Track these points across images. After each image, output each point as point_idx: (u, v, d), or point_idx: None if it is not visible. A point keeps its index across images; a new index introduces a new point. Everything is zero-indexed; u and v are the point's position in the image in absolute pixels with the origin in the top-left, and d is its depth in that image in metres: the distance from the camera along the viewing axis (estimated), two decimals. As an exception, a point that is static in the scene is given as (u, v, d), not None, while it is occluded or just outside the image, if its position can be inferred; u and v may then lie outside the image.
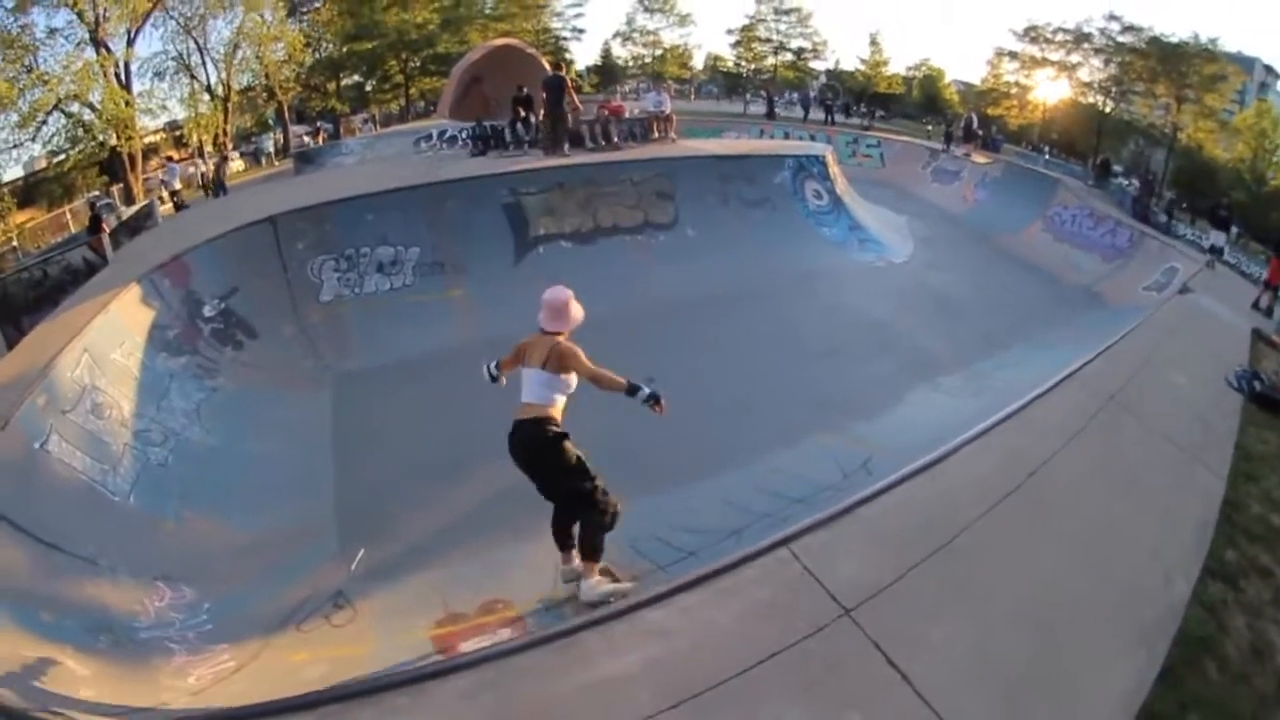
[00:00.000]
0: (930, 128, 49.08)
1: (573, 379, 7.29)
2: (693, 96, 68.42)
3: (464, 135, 24.08)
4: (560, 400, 7.33)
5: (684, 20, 62.59)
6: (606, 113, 23.01)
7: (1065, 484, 7.73)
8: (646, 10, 62.24)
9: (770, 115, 47.47)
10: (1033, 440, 8.57)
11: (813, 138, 37.16)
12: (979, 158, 35.42)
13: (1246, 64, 56.35)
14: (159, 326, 12.30)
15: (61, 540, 7.52)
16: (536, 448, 7.06)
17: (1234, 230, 20.55)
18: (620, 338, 14.32)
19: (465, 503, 9.92)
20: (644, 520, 9.15)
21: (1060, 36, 53.75)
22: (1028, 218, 29.33)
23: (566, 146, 20.54)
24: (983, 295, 20.59)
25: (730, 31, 63.65)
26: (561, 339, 7.30)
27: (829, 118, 47.38)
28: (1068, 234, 27.93)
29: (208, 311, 13.50)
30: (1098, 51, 52.52)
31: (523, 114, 22.78)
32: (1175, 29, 61.19)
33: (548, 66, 29.63)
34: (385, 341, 14.78)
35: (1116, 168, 40.53)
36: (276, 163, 44.69)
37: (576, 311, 7.60)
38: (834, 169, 24.25)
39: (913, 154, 38.16)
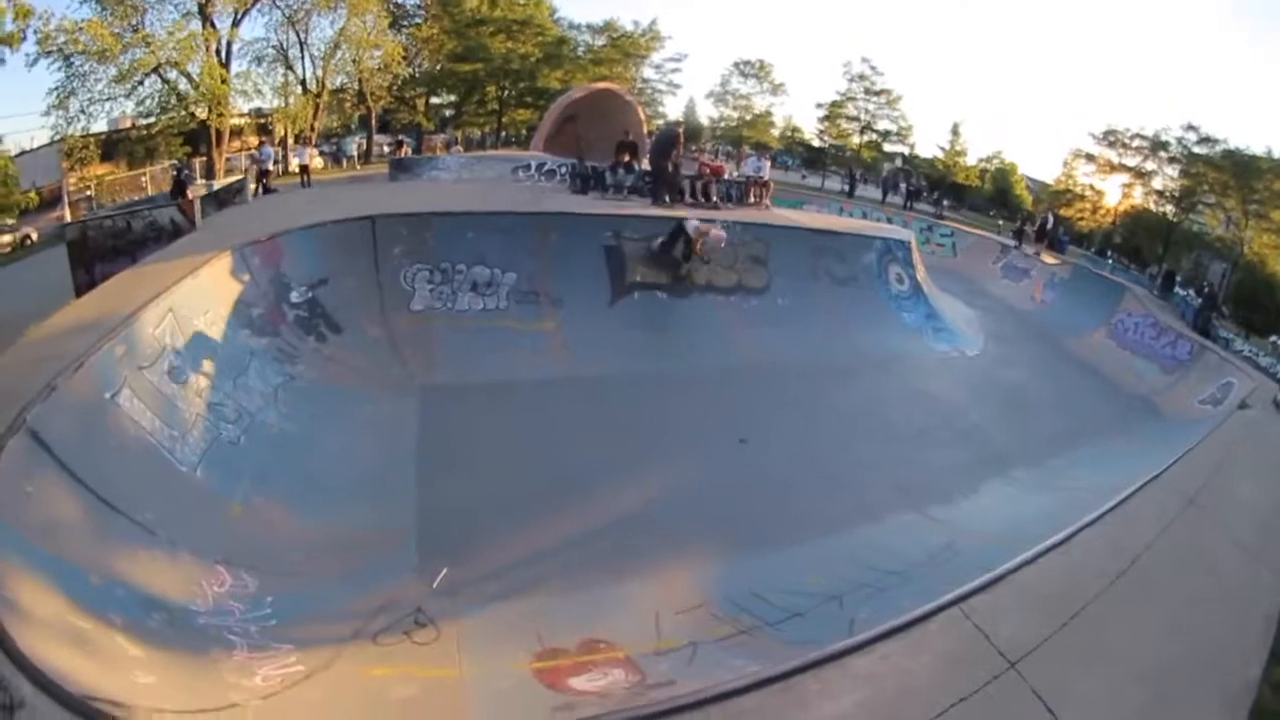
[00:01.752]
0: (1001, 222, 49.65)
1: None
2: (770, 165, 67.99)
3: (563, 171, 24.45)
4: None
5: (777, 89, 63.14)
6: (708, 171, 23.39)
7: (1160, 570, 9.04)
8: (742, 75, 62.80)
9: (850, 194, 48.25)
10: (1132, 531, 9.94)
11: (889, 220, 37.63)
12: (1048, 258, 35.81)
13: None
14: (245, 303, 12.30)
15: (120, 501, 7.22)
16: None
17: None
18: (710, 394, 15.28)
19: (555, 537, 9.88)
20: (739, 578, 9.69)
21: (1137, 143, 53.60)
22: (1093, 322, 29.66)
23: (668, 198, 20.92)
24: (1048, 395, 20.87)
25: (820, 105, 63.20)
26: None
27: (908, 203, 48.07)
28: (1131, 342, 28.20)
29: (294, 297, 13.51)
30: (1172, 160, 52.33)
31: (626, 159, 23.02)
32: (1249, 142, 60.94)
33: (643, 115, 30.18)
34: (474, 362, 14.62)
35: (1179, 278, 40.75)
36: (359, 166, 45.61)
37: None
38: (916, 255, 24.75)
39: (985, 247, 38.52)
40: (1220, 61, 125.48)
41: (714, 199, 22.22)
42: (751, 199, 23.89)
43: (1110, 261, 44.92)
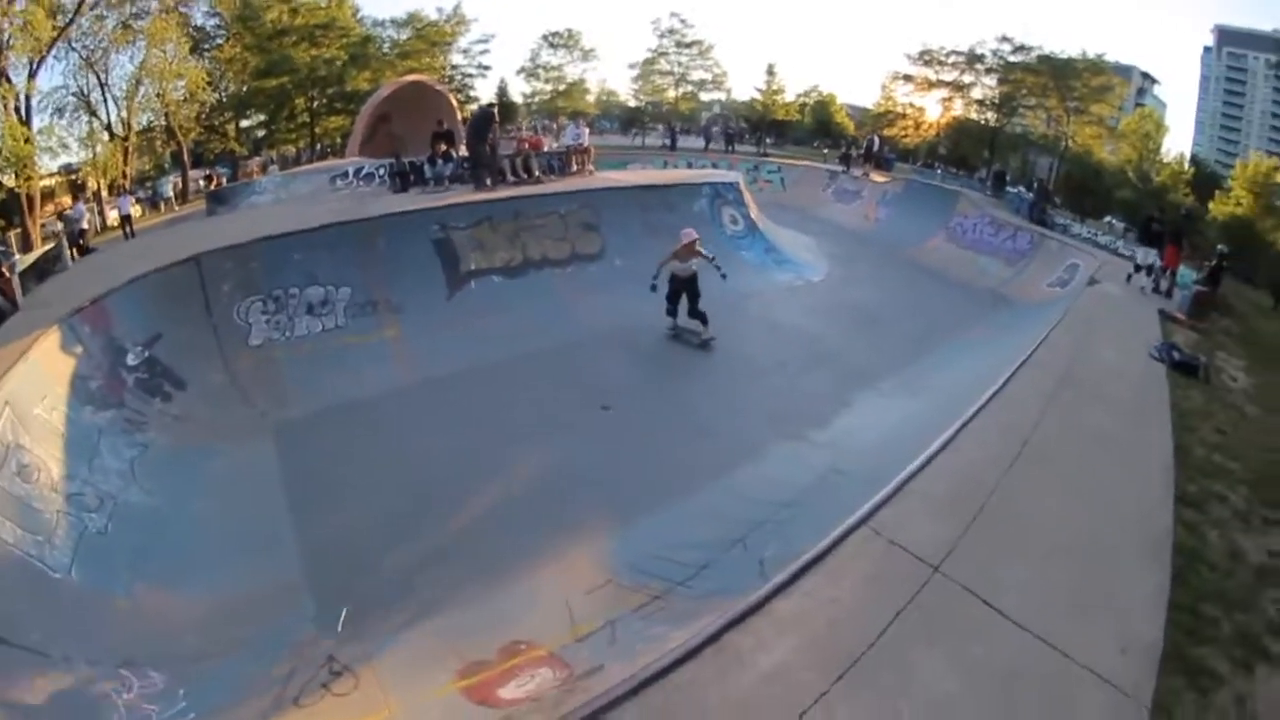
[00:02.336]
0: (826, 151, 50.76)
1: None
2: (589, 131, 68.07)
3: (381, 172, 23.68)
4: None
5: (588, 55, 62.31)
6: (526, 146, 23.19)
7: (1053, 445, 9.65)
8: (551, 46, 61.78)
9: (672, 146, 48.50)
10: (1016, 415, 10.38)
11: (715, 166, 37.72)
12: (877, 177, 36.72)
13: (1125, 73, 59.44)
14: (81, 377, 11.36)
15: (1, 628, 6.73)
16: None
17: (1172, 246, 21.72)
18: (562, 368, 15.10)
19: (444, 546, 9.63)
20: (638, 544, 9.57)
21: (954, 59, 55.13)
22: (931, 230, 30.55)
23: (489, 180, 20.47)
24: (898, 305, 21.37)
25: (633, 65, 63.61)
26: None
27: (729, 147, 48.85)
28: (970, 242, 29.21)
29: (131, 360, 12.58)
30: (989, 71, 54.05)
31: (443, 149, 22.60)
32: (1062, 46, 63.00)
33: (455, 102, 29.61)
34: (323, 386, 14.07)
35: (1009, 177, 42.09)
36: (177, 207, 42.88)
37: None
38: (746, 194, 25.04)
39: (813, 177, 39.43)
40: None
41: (536, 173, 21.92)
42: (574, 167, 23.64)
43: (939, 171, 46.13)
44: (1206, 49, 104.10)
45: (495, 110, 21.51)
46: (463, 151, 22.83)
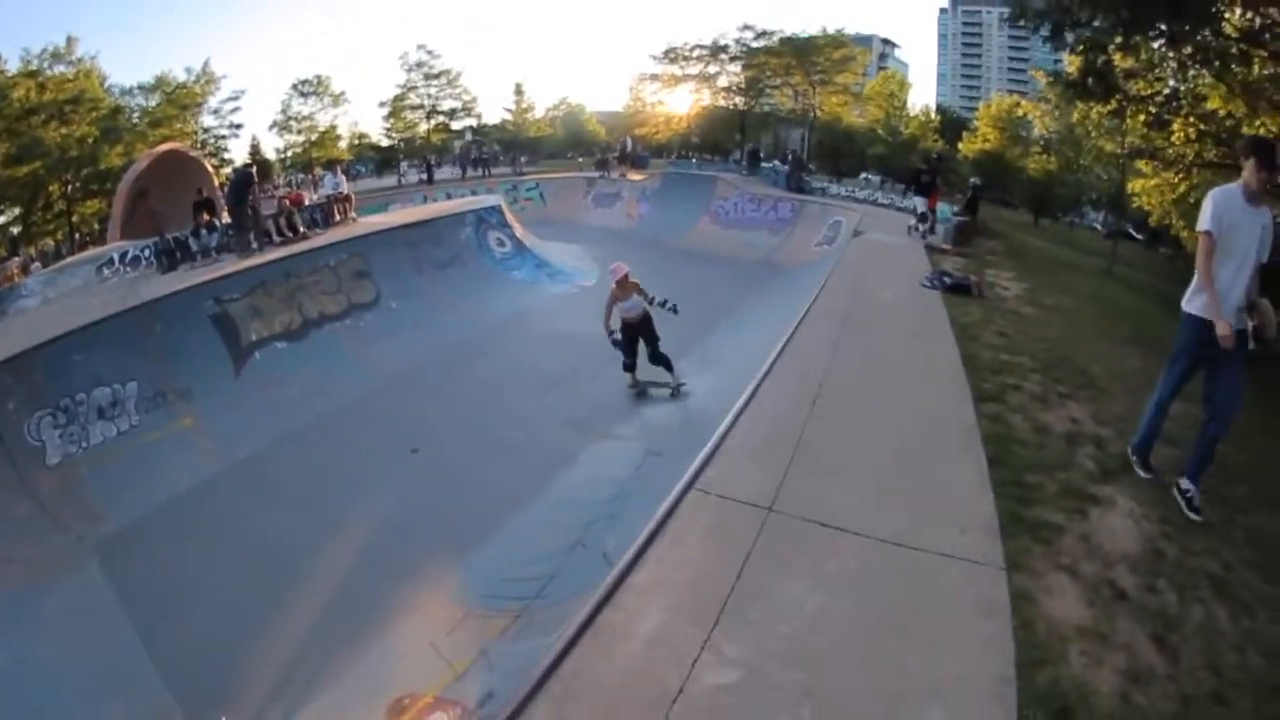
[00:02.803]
0: (580, 161, 52.11)
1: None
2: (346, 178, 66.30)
3: (147, 253, 22.95)
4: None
5: (338, 100, 59.99)
6: (288, 203, 22.81)
7: (849, 380, 10.51)
8: (301, 95, 59.43)
9: (430, 180, 47.89)
10: (809, 361, 11.15)
11: (474, 193, 37.90)
12: (635, 176, 38.04)
13: (866, 42, 63.44)
14: None
15: None
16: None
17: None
18: (363, 422, 15.00)
19: (303, 624, 9.31)
20: (483, 572, 9.80)
21: (698, 52, 56.53)
22: (694, 217, 31.95)
23: (255, 244, 20.12)
24: (675, 293, 21.61)
25: (383, 104, 61.76)
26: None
27: (485, 171, 48.93)
28: (734, 221, 30.82)
29: None
30: (734, 59, 55.65)
31: (206, 219, 21.54)
32: (803, 26, 65.10)
33: (211, 169, 29.07)
34: (132, 494, 12.94)
35: (762, 154, 44.09)
36: None
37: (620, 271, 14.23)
38: (509, 216, 25.54)
39: (572, 187, 40.34)
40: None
41: (301, 229, 21.61)
42: (337, 217, 23.45)
43: (695, 160, 47.95)
44: (942, 10, 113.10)
45: (253, 171, 21.36)
46: (225, 219, 22.04)
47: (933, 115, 57.23)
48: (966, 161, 43.85)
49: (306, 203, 24.07)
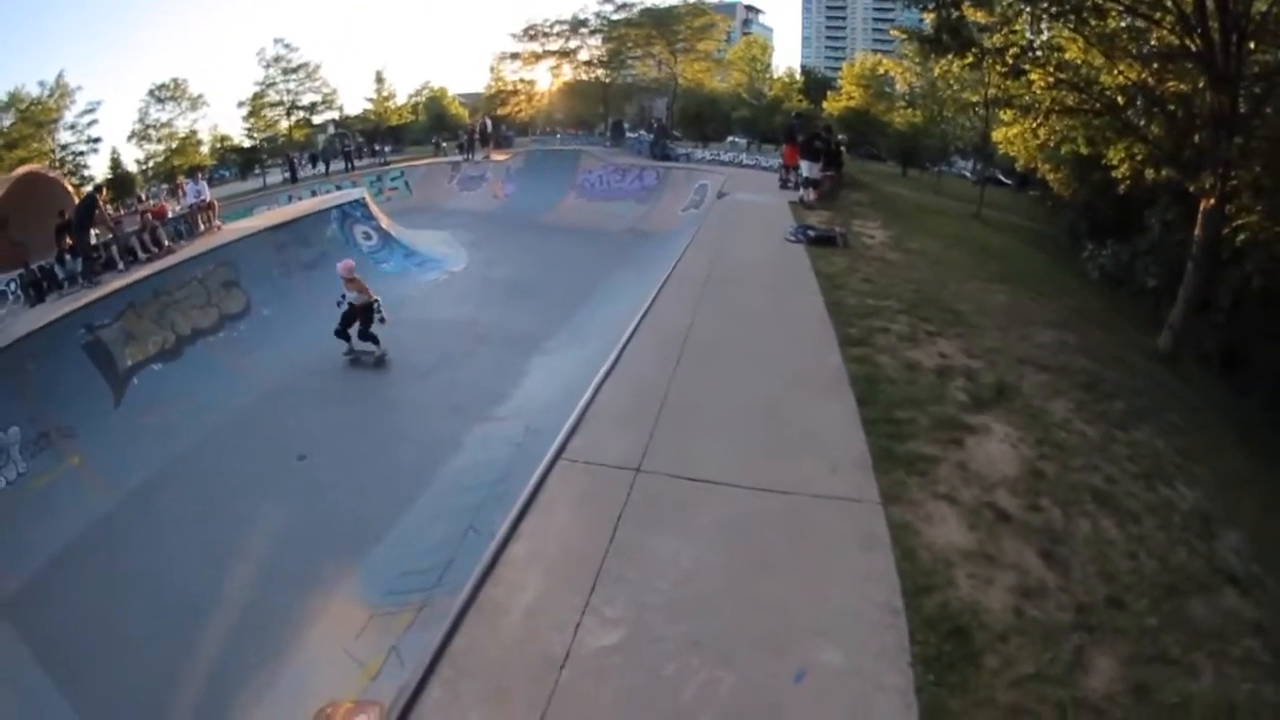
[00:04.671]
0: (444, 145, 51.62)
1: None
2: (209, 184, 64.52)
3: (13, 288, 22.29)
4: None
5: (196, 103, 57.39)
6: (150, 216, 22.02)
7: (711, 337, 10.94)
8: (159, 100, 56.62)
9: (293, 179, 47.23)
10: (669, 322, 11.64)
11: (339, 188, 37.31)
12: (498, 156, 38.56)
13: (729, 9, 65.22)
14: None
15: None
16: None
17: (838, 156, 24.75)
18: (250, 434, 14.95)
19: (221, 650, 9.36)
20: (382, 569, 10.11)
21: (558, 28, 55.70)
22: (560, 192, 32.75)
23: (120, 265, 19.45)
24: (544, 270, 23.09)
25: (242, 103, 59.38)
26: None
27: (349, 164, 48.31)
28: (600, 193, 31.78)
29: None
30: (594, 33, 55.04)
31: (70, 244, 19.90)
32: None
33: (71, 189, 28.13)
34: (32, 544, 12.10)
35: (626, 125, 44.60)
36: None
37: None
38: (374, 208, 25.67)
39: (437, 173, 40.60)
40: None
41: (166, 243, 20.97)
42: (202, 226, 23.02)
43: (559, 136, 48.24)
44: None
45: (100, 192, 20.92)
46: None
47: (797, 77, 58.70)
48: (832, 119, 44.42)
49: (170, 215, 23.55)
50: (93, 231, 19.71)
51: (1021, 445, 7.73)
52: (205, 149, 59.59)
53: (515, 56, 58.13)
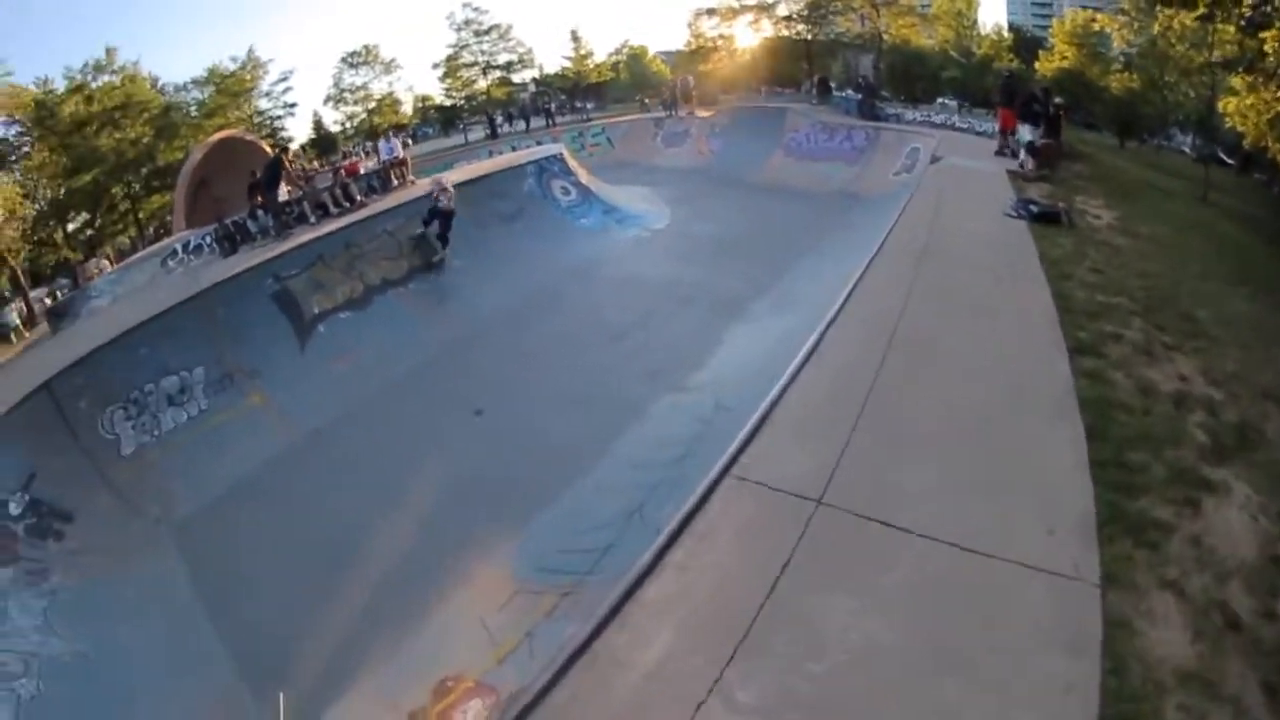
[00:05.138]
0: (646, 102, 50.06)
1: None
2: (410, 142, 67.16)
3: (209, 240, 22.89)
4: None
5: (389, 67, 60.15)
6: (343, 173, 22.56)
7: (924, 327, 9.30)
8: (351, 66, 59.49)
9: (494, 135, 47.78)
10: (870, 306, 10.13)
11: (539, 143, 36.64)
12: (702, 112, 36.90)
13: None
14: None
15: None
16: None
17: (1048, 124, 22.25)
18: (430, 384, 15.27)
19: (363, 601, 9.44)
20: (539, 543, 9.56)
21: None
22: (767, 150, 30.84)
23: (313, 219, 20.03)
24: (751, 230, 21.56)
25: (436, 65, 61.24)
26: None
27: (549, 121, 48.10)
28: (808, 152, 29.62)
29: (14, 509, 11.63)
30: (790, -13, 53.40)
31: (260, 200, 21.00)
32: None
33: (269, 149, 28.64)
34: (206, 475, 13.21)
35: (833, 83, 42.60)
36: (29, 333, 41.21)
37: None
38: (572, 163, 24.80)
39: (640, 129, 39.44)
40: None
41: (358, 198, 21.37)
42: (395, 182, 23.14)
43: (763, 93, 46.56)
44: None
45: (283, 154, 21.48)
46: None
47: (1005, 34, 54.21)
48: (1045, 80, 41.35)
49: (362, 171, 23.60)
50: (284, 189, 20.28)
51: (1262, 518, 6.06)
52: (407, 108, 62.06)
53: (712, 13, 57.07)
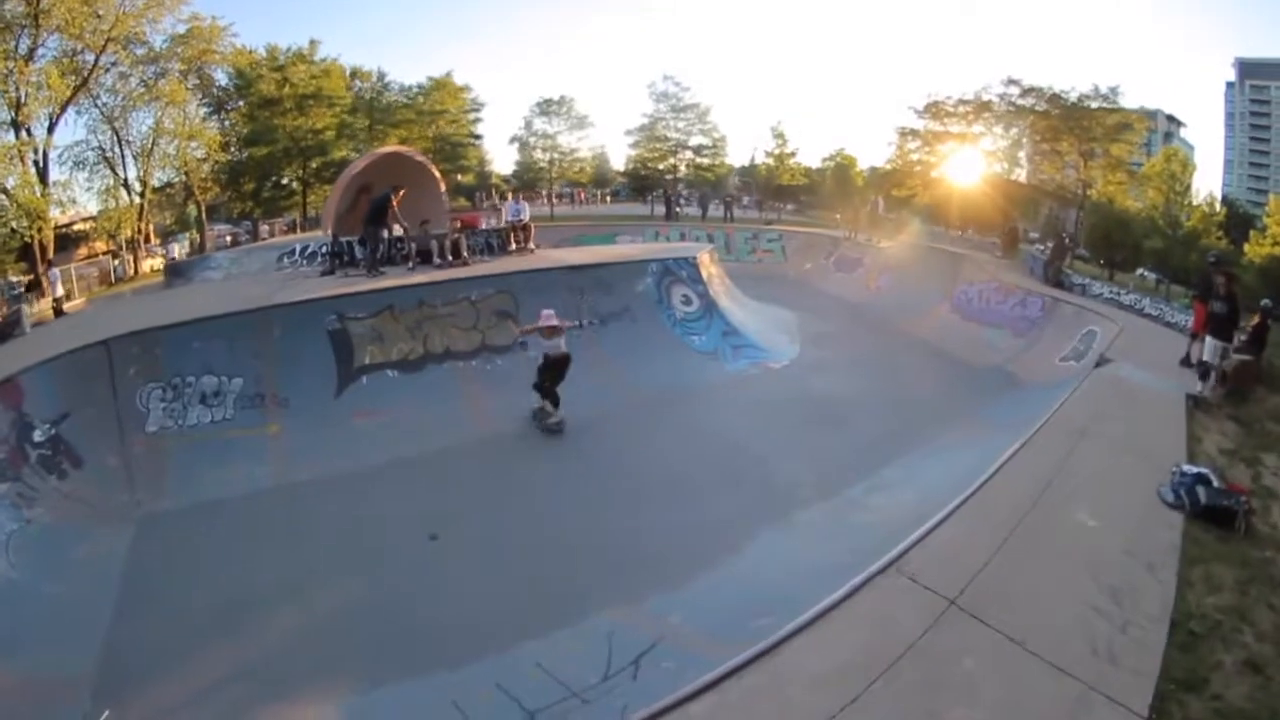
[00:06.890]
0: (839, 216, 47.41)
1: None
2: (608, 200, 67.87)
3: (324, 251, 22.74)
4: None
5: (582, 122, 61.43)
6: (459, 225, 21.83)
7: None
8: (544, 113, 60.82)
9: (669, 216, 47.16)
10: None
11: (710, 237, 36.22)
12: (884, 242, 35.05)
13: (1150, 116, 57.28)
14: None
15: None
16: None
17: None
18: (442, 476, 14.13)
19: (251, 664, 8.71)
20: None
21: (961, 108, 52.32)
22: (934, 300, 28.59)
23: (411, 265, 19.61)
24: (875, 395, 18.50)
25: (629, 132, 62.81)
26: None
27: (728, 214, 47.47)
28: (976, 312, 26.93)
29: (38, 436, 12.46)
30: (999, 118, 51.54)
31: (371, 229, 20.21)
32: (1072, 84, 59.33)
33: (438, 174, 28.00)
34: (199, 479, 13.42)
35: (1033, 234, 40.07)
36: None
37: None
38: (708, 269, 23.07)
39: (816, 245, 37.95)
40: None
41: (463, 254, 20.45)
42: (513, 245, 22.35)
43: (953, 233, 44.39)
44: (1229, 84, 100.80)
45: (398, 193, 20.25)
46: (397, 231, 20.92)
47: (1217, 206, 50.09)
48: (1251, 268, 36.94)
49: (482, 227, 23.19)
50: (394, 227, 20.25)
51: None
52: (587, 166, 63.97)
53: (915, 134, 55.53)
